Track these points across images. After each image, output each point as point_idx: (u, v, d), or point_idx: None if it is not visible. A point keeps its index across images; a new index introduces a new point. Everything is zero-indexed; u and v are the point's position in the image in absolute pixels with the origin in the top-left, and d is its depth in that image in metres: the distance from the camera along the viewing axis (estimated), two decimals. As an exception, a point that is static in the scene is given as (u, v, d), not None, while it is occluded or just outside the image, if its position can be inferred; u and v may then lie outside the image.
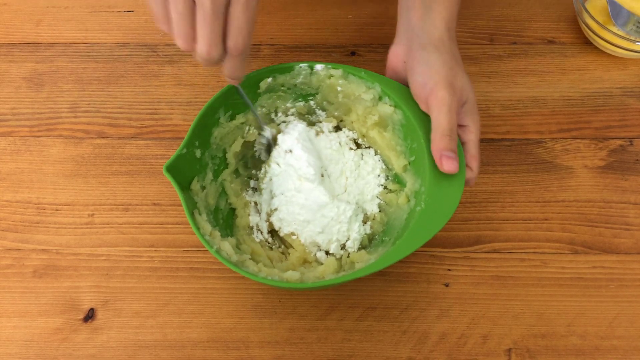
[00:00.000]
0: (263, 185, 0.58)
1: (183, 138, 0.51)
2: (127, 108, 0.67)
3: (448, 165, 0.49)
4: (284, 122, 0.60)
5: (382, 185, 0.59)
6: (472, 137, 0.51)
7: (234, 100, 0.55)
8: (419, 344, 0.54)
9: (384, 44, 0.59)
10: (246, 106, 0.57)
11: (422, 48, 0.52)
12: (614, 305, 0.56)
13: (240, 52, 0.45)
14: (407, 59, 0.53)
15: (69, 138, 0.65)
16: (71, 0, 0.75)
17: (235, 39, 0.44)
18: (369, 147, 0.60)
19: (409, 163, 0.55)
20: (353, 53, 0.71)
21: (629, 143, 0.64)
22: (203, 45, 0.43)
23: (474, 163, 0.51)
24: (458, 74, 0.51)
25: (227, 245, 0.50)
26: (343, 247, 0.56)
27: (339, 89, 0.57)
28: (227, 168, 0.57)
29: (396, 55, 0.55)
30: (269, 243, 0.57)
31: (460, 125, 0.52)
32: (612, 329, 0.55)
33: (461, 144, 0.52)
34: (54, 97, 0.68)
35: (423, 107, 0.52)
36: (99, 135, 0.65)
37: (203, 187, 0.54)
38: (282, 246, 0.57)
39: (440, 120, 0.49)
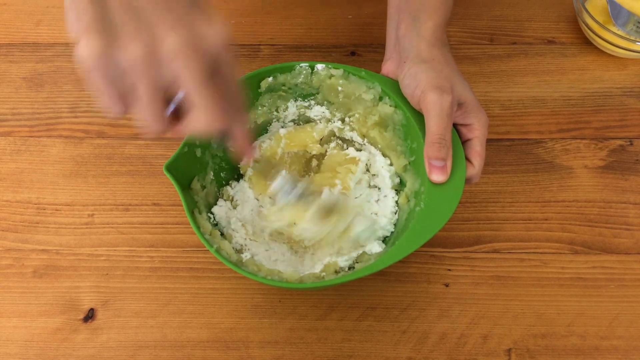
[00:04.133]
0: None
1: (183, 138, 0.51)
2: (127, 108, 0.67)
3: (435, 175, 0.49)
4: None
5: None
6: (477, 134, 0.51)
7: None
8: (419, 344, 0.54)
9: (384, 44, 0.58)
10: (248, 105, 0.57)
11: (409, 61, 0.52)
12: (614, 305, 0.56)
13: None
14: (398, 73, 0.54)
15: (69, 138, 0.65)
16: (71, 0, 0.75)
17: (241, 101, 0.39)
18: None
19: (409, 163, 0.55)
20: (353, 53, 0.71)
21: (629, 143, 0.64)
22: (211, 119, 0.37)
23: (477, 159, 0.51)
24: (448, 75, 0.51)
25: (227, 245, 0.50)
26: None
27: (339, 88, 0.57)
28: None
29: (388, 72, 0.56)
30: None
31: (464, 125, 0.51)
32: (612, 329, 0.55)
33: (466, 141, 0.52)
34: (54, 97, 0.68)
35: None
36: (99, 135, 0.65)
37: (203, 187, 0.54)
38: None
39: (430, 126, 0.49)
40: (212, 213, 0.55)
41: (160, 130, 0.37)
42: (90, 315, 0.56)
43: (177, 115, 0.37)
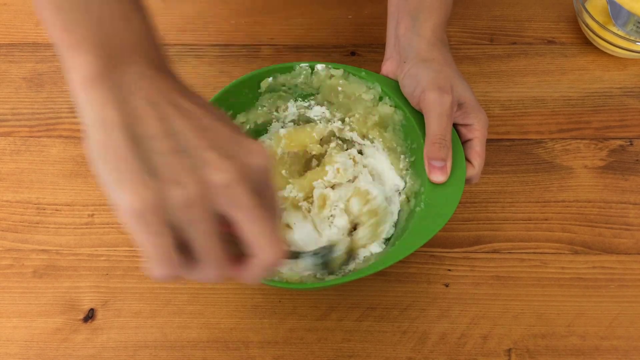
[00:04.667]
0: None
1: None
2: (127, 108, 0.67)
3: (435, 175, 0.49)
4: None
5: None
6: (477, 134, 0.51)
7: (234, 100, 0.55)
8: (419, 344, 0.54)
9: (384, 44, 0.58)
10: (246, 105, 0.57)
11: (409, 61, 0.52)
12: (614, 306, 0.56)
13: None
14: (398, 73, 0.54)
15: (69, 138, 0.65)
16: (71, 0, 0.75)
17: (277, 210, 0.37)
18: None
19: (409, 163, 0.55)
20: (353, 53, 0.71)
21: (628, 143, 0.64)
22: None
23: (477, 160, 0.51)
24: (448, 75, 0.51)
25: (226, 245, 0.50)
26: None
27: (339, 89, 0.57)
28: None
29: (387, 72, 0.56)
30: None
31: (464, 125, 0.51)
32: (612, 329, 0.55)
33: (466, 141, 0.52)
34: (54, 97, 0.68)
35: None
36: (99, 135, 0.65)
37: None
38: None
39: (430, 126, 0.49)
40: None
41: (221, 276, 0.34)
42: (90, 316, 0.56)
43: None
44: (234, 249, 0.35)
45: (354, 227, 0.56)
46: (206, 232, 0.33)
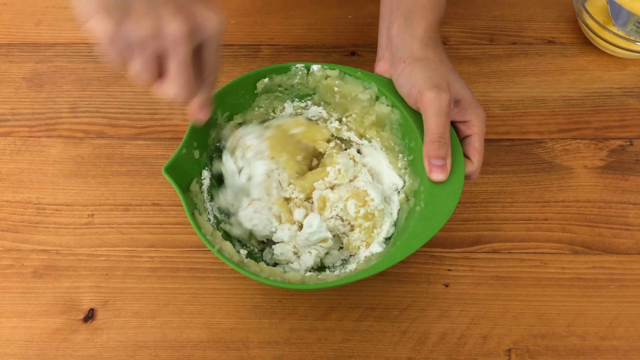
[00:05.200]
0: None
1: (183, 138, 0.51)
2: (127, 108, 0.67)
3: (435, 174, 0.49)
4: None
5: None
6: (475, 130, 0.51)
7: (231, 101, 0.55)
8: (419, 344, 0.54)
9: (383, 44, 0.59)
10: (243, 106, 0.57)
11: (403, 61, 0.52)
12: (614, 306, 0.56)
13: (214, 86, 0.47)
14: (392, 73, 0.54)
15: (69, 138, 0.65)
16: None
17: (214, 75, 0.46)
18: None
19: (408, 162, 0.55)
20: (353, 53, 0.71)
21: (628, 143, 0.64)
22: (181, 90, 0.43)
23: (475, 156, 0.51)
24: (444, 73, 0.51)
25: (228, 245, 0.50)
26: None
27: (335, 89, 0.57)
28: None
29: (381, 72, 0.56)
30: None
31: (462, 122, 0.51)
32: (612, 329, 0.55)
33: (464, 138, 0.51)
34: (54, 97, 0.68)
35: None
36: (99, 135, 0.65)
37: (201, 185, 0.54)
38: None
39: (429, 125, 0.49)
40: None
41: (149, 83, 0.43)
42: (90, 316, 0.56)
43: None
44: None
45: (351, 228, 0.56)
46: (145, 59, 0.42)
